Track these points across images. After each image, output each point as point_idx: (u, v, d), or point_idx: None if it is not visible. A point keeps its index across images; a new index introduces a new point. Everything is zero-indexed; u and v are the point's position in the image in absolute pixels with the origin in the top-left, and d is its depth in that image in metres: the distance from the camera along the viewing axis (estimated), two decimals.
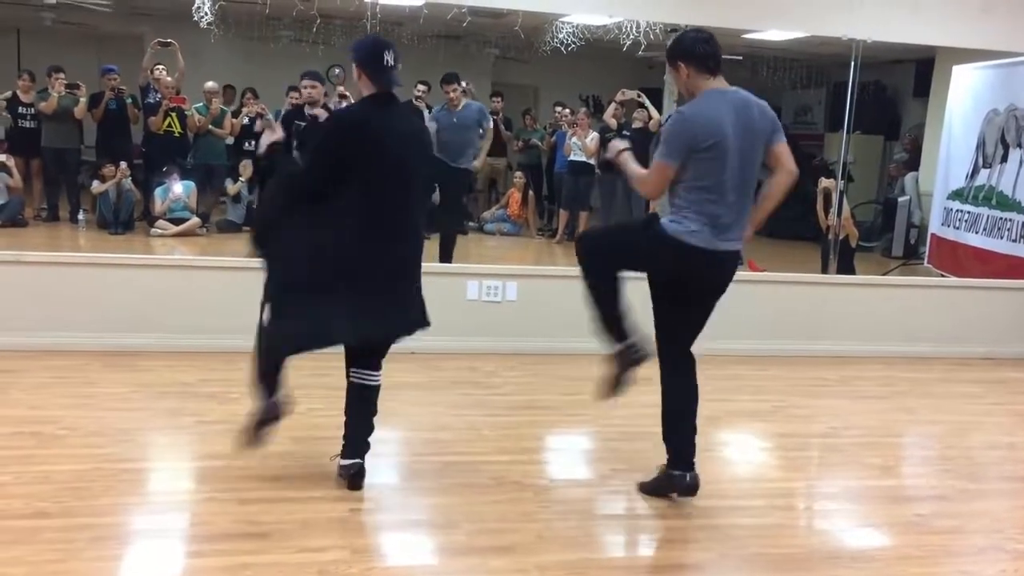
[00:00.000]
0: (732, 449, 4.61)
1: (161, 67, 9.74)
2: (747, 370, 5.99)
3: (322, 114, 6.38)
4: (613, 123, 10.07)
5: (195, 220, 9.32)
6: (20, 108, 9.69)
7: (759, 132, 3.51)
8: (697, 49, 3.51)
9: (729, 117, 3.44)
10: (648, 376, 3.73)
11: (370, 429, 3.70)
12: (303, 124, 6.51)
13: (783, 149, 3.59)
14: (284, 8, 9.16)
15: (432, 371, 5.55)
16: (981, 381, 6.18)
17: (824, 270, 7.57)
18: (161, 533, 3.31)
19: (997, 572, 3.38)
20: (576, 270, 3.79)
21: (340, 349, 3.70)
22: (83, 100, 9.64)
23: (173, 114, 9.64)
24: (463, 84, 8.36)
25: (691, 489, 3.69)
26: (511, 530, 3.45)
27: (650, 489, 3.81)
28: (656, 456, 4.19)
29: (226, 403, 4.77)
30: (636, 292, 3.71)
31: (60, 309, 5.57)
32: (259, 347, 3.55)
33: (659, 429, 3.77)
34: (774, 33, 7.78)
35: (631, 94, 9.89)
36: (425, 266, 3.79)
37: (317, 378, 4.20)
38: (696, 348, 3.76)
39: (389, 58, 3.51)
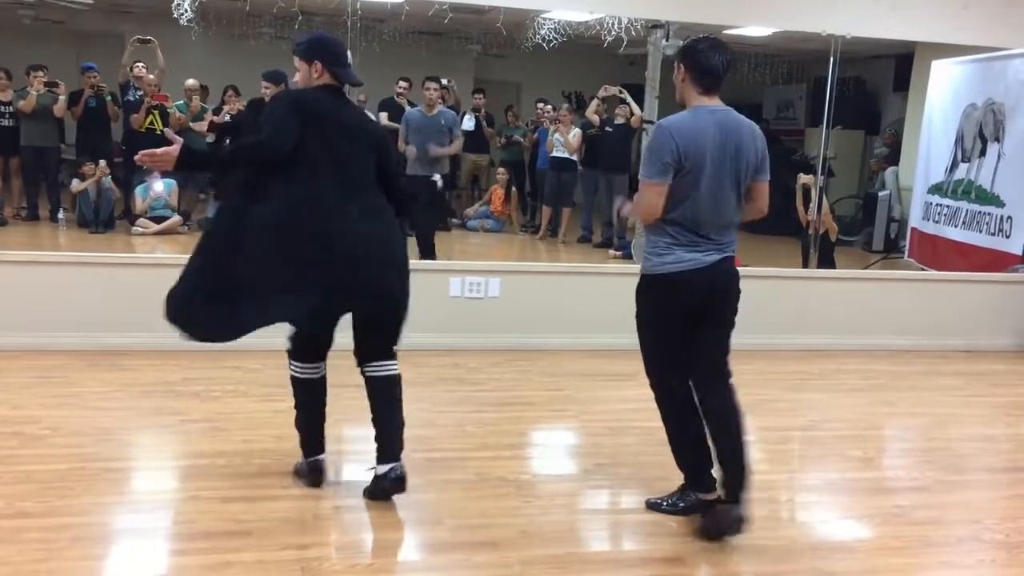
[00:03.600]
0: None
1: (141, 64, 9.69)
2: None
3: None
4: (596, 119, 10.09)
5: (176, 218, 9.28)
6: None
7: (745, 155, 3.39)
8: (702, 61, 3.35)
9: (712, 134, 3.31)
10: (630, 372, 3.75)
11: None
12: None
13: (763, 189, 3.48)
14: (264, 5, 9.15)
15: (416, 368, 5.54)
16: (960, 374, 6.24)
17: (805, 265, 7.62)
18: (144, 532, 3.30)
19: (976, 562, 3.42)
20: (559, 266, 3.79)
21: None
22: (62, 98, 9.57)
23: (155, 112, 9.59)
24: (444, 81, 8.33)
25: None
26: (495, 525, 3.46)
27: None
28: (638, 451, 4.22)
29: (209, 401, 4.77)
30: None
31: (41, 309, 5.54)
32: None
33: (642, 424, 3.78)
34: (754, 29, 7.81)
35: (613, 90, 9.92)
36: (409, 263, 3.77)
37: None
38: None
39: (349, 56, 3.58)
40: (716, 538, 3.41)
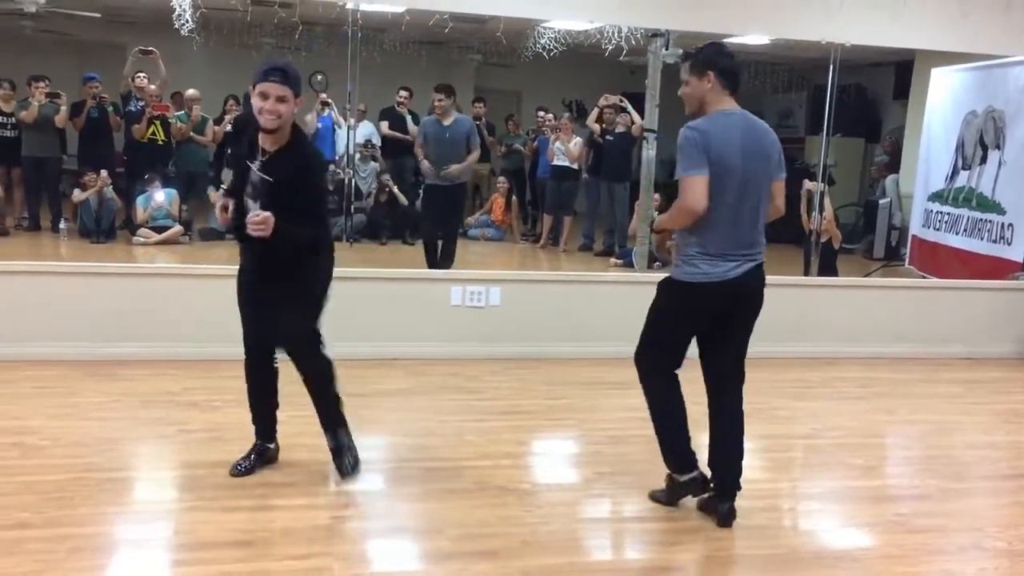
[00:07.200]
0: None
1: (142, 75, 9.72)
2: None
3: None
4: (596, 128, 10.10)
5: (177, 228, 9.29)
6: (0, 117, 9.64)
7: (769, 155, 3.49)
8: (728, 64, 3.46)
9: (738, 136, 3.41)
10: (631, 381, 3.74)
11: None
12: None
13: (781, 187, 3.59)
14: (265, 15, 9.17)
15: (416, 377, 5.55)
16: (961, 381, 6.23)
17: (806, 272, 7.61)
18: (144, 543, 3.29)
19: (977, 570, 3.40)
20: (560, 274, 3.79)
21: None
22: (64, 108, 9.59)
23: (157, 122, 9.61)
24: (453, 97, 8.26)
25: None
26: (495, 535, 3.45)
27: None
28: (640, 459, 4.21)
29: (209, 411, 4.76)
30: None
31: (42, 319, 5.54)
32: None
33: (644, 432, 3.78)
34: (754, 37, 7.82)
35: (614, 99, 9.93)
36: (410, 272, 3.79)
37: (298, 385, 4.15)
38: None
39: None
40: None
